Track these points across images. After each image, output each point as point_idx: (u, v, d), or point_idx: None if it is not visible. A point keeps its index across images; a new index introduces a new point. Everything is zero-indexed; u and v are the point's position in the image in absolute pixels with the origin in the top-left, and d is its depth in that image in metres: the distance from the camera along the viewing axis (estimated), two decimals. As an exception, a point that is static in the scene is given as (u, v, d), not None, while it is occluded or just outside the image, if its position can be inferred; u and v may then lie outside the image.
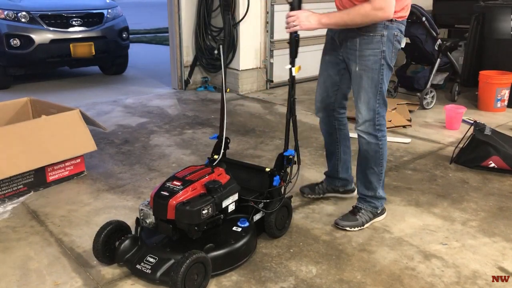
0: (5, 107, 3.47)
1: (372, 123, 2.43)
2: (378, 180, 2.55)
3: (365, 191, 2.58)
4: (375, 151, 2.49)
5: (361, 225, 2.52)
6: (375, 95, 2.39)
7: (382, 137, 2.48)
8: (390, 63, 2.40)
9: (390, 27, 2.29)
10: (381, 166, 2.53)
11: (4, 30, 5.75)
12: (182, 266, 1.88)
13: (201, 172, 2.21)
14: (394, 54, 2.41)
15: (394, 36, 2.33)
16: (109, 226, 2.16)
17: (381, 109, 2.43)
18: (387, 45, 2.32)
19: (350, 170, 2.85)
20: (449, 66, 5.06)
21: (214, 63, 5.75)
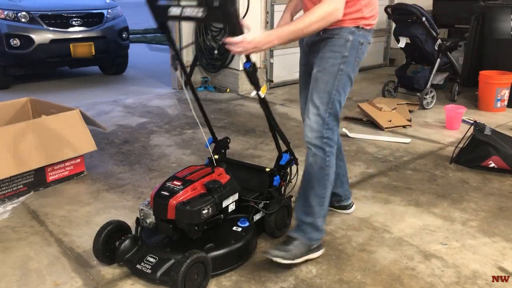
0: (5, 107, 3.47)
1: (319, 134, 2.15)
2: (320, 206, 2.21)
3: (303, 216, 2.24)
4: (320, 167, 2.19)
5: (293, 259, 2.16)
6: (327, 102, 2.13)
7: (330, 153, 2.19)
8: (350, 73, 2.16)
9: (356, 34, 2.12)
10: (324, 188, 2.21)
11: (4, 30, 5.76)
12: (182, 266, 1.88)
13: (201, 172, 2.21)
14: (356, 66, 2.18)
15: (359, 44, 2.14)
16: (109, 226, 2.17)
17: (332, 122, 2.16)
18: (350, 51, 2.12)
19: (346, 185, 2.66)
20: (449, 66, 5.06)
21: (214, 63, 5.75)
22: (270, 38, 1.96)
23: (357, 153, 3.66)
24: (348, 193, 2.68)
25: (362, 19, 2.11)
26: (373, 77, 6.44)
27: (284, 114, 4.74)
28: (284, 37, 1.98)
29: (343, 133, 4.04)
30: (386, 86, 5.26)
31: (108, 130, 3.96)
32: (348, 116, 4.53)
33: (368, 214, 2.70)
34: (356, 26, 2.11)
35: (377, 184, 3.11)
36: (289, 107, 5.00)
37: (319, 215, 2.22)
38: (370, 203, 2.83)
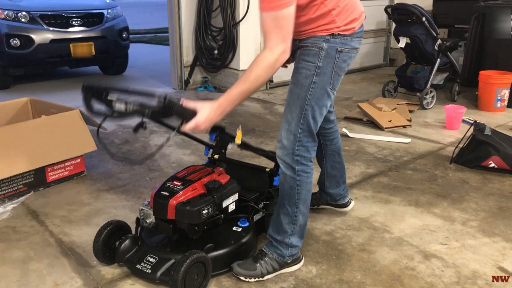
0: (5, 107, 3.47)
1: (290, 152, 2.01)
2: (290, 224, 2.10)
3: (274, 233, 2.14)
4: (290, 186, 2.06)
5: (260, 276, 2.09)
6: (298, 118, 1.98)
7: (302, 172, 2.04)
8: (326, 85, 1.98)
9: (331, 41, 1.95)
10: (296, 207, 2.08)
11: (4, 30, 5.75)
12: (183, 266, 1.88)
13: (201, 172, 2.21)
14: (336, 77, 2.00)
15: (336, 52, 1.96)
16: (109, 226, 2.17)
17: (305, 139, 2.01)
18: (325, 60, 1.95)
19: (343, 185, 2.59)
20: (449, 66, 5.06)
21: (214, 63, 5.76)
22: (221, 108, 1.88)
23: (357, 153, 3.66)
24: (344, 192, 2.62)
25: (335, 28, 1.95)
26: (373, 77, 6.45)
27: (284, 114, 4.74)
28: (235, 101, 1.89)
29: (343, 133, 4.04)
30: (386, 86, 5.26)
31: (108, 130, 3.96)
32: (348, 116, 4.53)
33: (368, 214, 2.70)
34: (330, 34, 1.95)
35: (377, 184, 3.11)
36: (289, 107, 4.99)
37: (291, 233, 2.11)
38: (370, 203, 2.83)
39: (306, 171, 2.05)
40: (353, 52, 2.04)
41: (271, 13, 1.79)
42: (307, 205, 2.13)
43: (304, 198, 2.09)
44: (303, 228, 2.15)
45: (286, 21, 1.80)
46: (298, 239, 2.15)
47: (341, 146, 2.50)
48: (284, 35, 1.81)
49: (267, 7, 1.79)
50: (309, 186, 2.09)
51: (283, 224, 2.11)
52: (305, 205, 2.11)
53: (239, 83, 1.88)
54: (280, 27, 1.80)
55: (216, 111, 1.87)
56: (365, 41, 6.68)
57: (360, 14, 2.04)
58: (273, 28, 1.80)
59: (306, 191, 2.08)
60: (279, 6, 1.78)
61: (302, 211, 2.11)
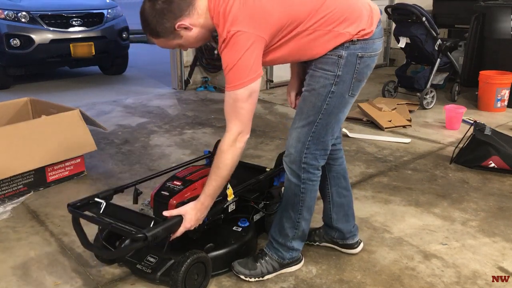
0: (5, 107, 3.47)
1: (297, 159, 1.95)
2: (292, 229, 2.08)
3: (276, 235, 2.12)
4: (294, 193, 2.02)
5: (260, 276, 2.09)
6: (310, 126, 1.91)
7: (308, 180, 1.99)
8: (345, 93, 1.90)
9: (351, 48, 1.84)
10: (299, 213, 2.05)
11: (4, 30, 5.76)
12: (183, 265, 1.88)
13: (201, 172, 2.21)
14: (356, 83, 1.91)
15: (357, 58, 1.86)
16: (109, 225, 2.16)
17: (314, 146, 1.93)
18: (344, 69, 1.86)
19: (352, 220, 2.30)
20: (449, 66, 5.06)
21: (214, 63, 5.75)
22: (205, 205, 1.92)
23: (357, 153, 3.66)
24: (354, 230, 2.30)
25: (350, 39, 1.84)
26: (373, 77, 6.43)
27: (284, 114, 4.75)
28: (215, 193, 1.92)
29: (343, 133, 4.04)
30: (386, 86, 5.26)
31: (108, 130, 3.96)
32: (348, 116, 4.51)
33: (368, 214, 2.70)
34: (349, 41, 1.84)
35: (377, 184, 3.11)
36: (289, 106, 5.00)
37: (292, 237, 2.10)
38: (370, 203, 2.83)
39: (312, 179, 2.00)
40: (375, 55, 1.96)
41: (231, 93, 1.77)
42: (311, 212, 2.10)
43: (308, 205, 2.06)
44: (305, 232, 2.13)
45: (244, 104, 1.78)
46: (299, 242, 2.13)
47: (347, 169, 2.29)
48: (241, 120, 1.81)
49: (228, 86, 1.77)
50: (314, 193, 2.06)
51: (285, 227, 2.08)
52: (309, 212, 2.08)
53: (211, 178, 1.89)
54: (236, 111, 1.79)
55: (201, 209, 1.91)
56: (365, 41, 6.73)
57: (370, 12, 1.90)
58: (231, 111, 1.81)
59: (310, 199, 2.05)
60: (237, 85, 1.75)
61: (305, 217, 2.08)
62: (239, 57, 1.73)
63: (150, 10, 1.78)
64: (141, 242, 1.80)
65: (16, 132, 2.91)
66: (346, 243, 2.30)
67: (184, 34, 1.83)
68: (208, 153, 2.58)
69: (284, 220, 2.08)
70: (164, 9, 1.76)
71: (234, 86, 1.76)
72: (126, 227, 1.86)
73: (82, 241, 2.01)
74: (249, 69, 1.74)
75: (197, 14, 1.81)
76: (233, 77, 1.76)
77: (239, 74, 1.74)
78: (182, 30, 1.81)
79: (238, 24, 1.72)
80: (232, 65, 1.74)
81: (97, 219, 2.00)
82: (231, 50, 1.75)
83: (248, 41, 1.72)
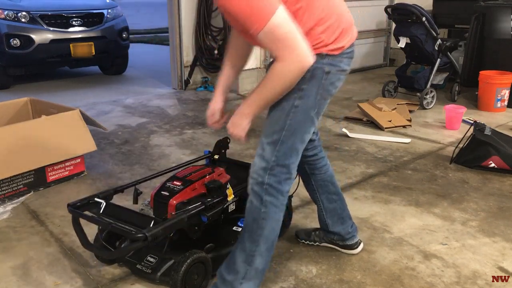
0: (5, 107, 3.47)
1: (260, 180, 1.78)
2: (245, 263, 1.82)
3: (224, 271, 1.88)
4: (253, 218, 1.81)
5: None
6: (274, 144, 1.76)
7: (270, 204, 1.78)
8: (309, 109, 1.75)
9: (318, 62, 1.70)
10: (256, 244, 1.81)
11: (4, 30, 5.75)
12: (183, 266, 1.88)
13: (201, 172, 2.21)
14: (321, 100, 1.78)
15: (324, 74, 1.74)
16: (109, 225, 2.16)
17: (278, 168, 1.77)
18: (310, 83, 1.73)
19: (349, 220, 2.27)
20: (449, 66, 5.07)
21: (214, 63, 5.75)
22: (245, 112, 1.74)
23: (357, 153, 3.66)
24: (352, 230, 2.27)
25: (323, 47, 1.72)
26: (373, 77, 6.44)
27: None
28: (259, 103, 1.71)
29: (343, 133, 4.05)
30: (386, 86, 5.26)
31: (108, 130, 3.96)
32: (348, 116, 4.53)
33: (368, 214, 2.70)
34: (317, 53, 1.70)
35: (377, 184, 3.11)
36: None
37: (244, 276, 1.82)
38: (370, 203, 2.83)
39: (275, 204, 1.80)
40: (342, 74, 1.82)
41: (261, 32, 1.55)
42: (269, 248, 1.84)
43: (267, 236, 1.81)
44: (259, 275, 1.85)
45: (282, 29, 1.55)
46: (253, 285, 1.85)
47: (334, 174, 2.24)
48: (290, 45, 1.56)
49: (255, 28, 1.55)
50: (275, 224, 1.83)
51: (237, 261, 1.83)
52: (267, 246, 1.82)
53: (258, 88, 1.70)
54: (278, 40, 1.55)
55: (242, 114, 1.75)
56: (365, 41, 6.74)
57: (350, 26, 1.81)
58: (275, 45, 1.57)
59: (270, 229, 1.82)
60: (263, 19, 1.53)
61: (261, 252, 1.82)
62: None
63: None
64: (141, 242, 1.80)
65: (16, 132, 2.91)
66: (346, 244, 2.29)
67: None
68: (208, 153, 2.59)
69: (238, 253, 1.84)
70: None
71: (260, 23, 1.53)
72: (126, 227, 1.86)
73: (82, 241, 2.01)
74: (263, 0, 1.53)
75: None
76: (254, 15, 1.53)
77: (257, 8, 1.52)
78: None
79: None
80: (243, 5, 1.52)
81: (97, 219, 2.00)
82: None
83: None
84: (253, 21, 1.53)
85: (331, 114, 4.67)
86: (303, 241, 2.38)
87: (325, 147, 3.78)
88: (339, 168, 3.36)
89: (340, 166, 3.40)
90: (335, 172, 3.24)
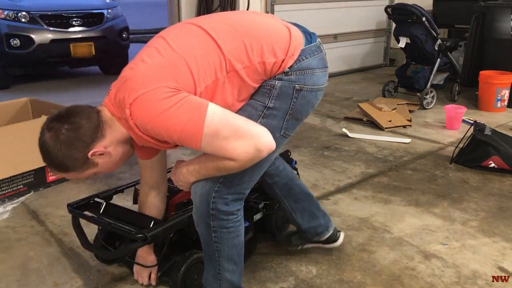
0: (5, 107, 3.47)
1: (204, 204, 1.61)
2: (215, 279, 1.76)
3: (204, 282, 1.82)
4: (206, 243, 1.70)
5: None
6: None
7: (220, 228, 1.65)
8: (274, 130, 1.55)
9: (285, 79, 1.56)
10: (218, 264, 1.72)
11: (4, 30, 5.76)
12: (182, 266, 1.88)
13: None
14: (292, 120, 1.62)
15: (294, 91, 1.57)
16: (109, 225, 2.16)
17: (225, 190, 1.60)
18: (277, 101, 1.57)
19: (319, 212, 2.16)
20: (449, 66, 5.06)
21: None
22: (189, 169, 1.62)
23: (357, 153, 3.66)
24: (325, 221, 2.17)
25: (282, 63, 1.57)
26: (373, 77, 6.44)
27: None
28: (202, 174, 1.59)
29: (343, 133, 4.05)
30: (386, 86, 5.26)
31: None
32: (348, 116, 4.53)
33: (368, 214, 2.70)
34: (281, 73, 1.57)
35: (377, 184, 3.11)
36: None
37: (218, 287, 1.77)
38: (370, 203, 2.83)
39: (226, 226, 1.65)
40: (317, 89, 1.65)
41: (202, 143, 1.41)
42: (236, 261, 1.75)
43: (227, 255, 1.71)
44: (235, 283, 1.79)
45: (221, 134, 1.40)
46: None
47: (294, 175, 2.16)
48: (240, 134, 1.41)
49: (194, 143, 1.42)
50: (233, 241, 1.70)
51: (209, 275, 1.78)
52: (231, 262, 1.73)
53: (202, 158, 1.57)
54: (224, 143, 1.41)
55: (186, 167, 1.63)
56: (365, 41, 6.75)
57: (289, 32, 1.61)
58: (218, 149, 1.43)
59: (228, 248, 1.69)
60: (198, 132, 1.39)
61: (227, 268, 1.73)
62: (163, 115, 1.39)
63: (53, 143, 1.52)
64: (140, 242, 1.80)
65: (16, 132, 2.91)
66: (325, 239, 2.19)
67: (101, 161, 1.57)
68: None
69: (206, 270, 1.79)
70: (71, 138, 1.49)
71: (196, 139, 1.41)
72: (126, 227, 1.86)
73: (82, 241, 2.01)
74: (185, 110, 1.39)
75: (109, 130, 1.54)
76: (184, 133, 1.41)
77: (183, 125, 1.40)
78: (97, 157, 1.54)
79: (135, 91, 1.43)
80: (169, 127, 1.41)
81: (97, 219, 2.00)
82: (148, 119, 1.41)
83: (156, 97, 1.40)
84: (188, 139, 1.41)
85: (331, 114, 4.67)
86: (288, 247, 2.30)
87: (325, 147, 3.78)
88: (339, 168, 3.36)
89: (340, 166, 3.40)
90: (335, 172, 3.28)
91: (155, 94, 1.40)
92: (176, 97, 1.40)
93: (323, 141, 3.92)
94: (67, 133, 1.48)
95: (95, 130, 1.51)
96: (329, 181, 3.14)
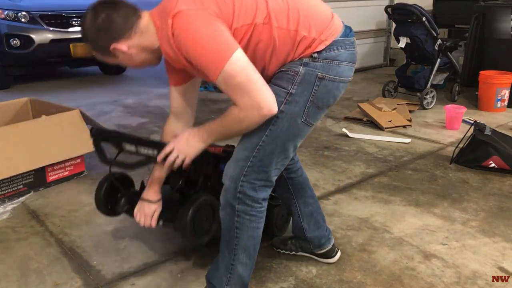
0: (5, 107, 3.47)
1: (232, 186, 1.67)
2: (227, 272, 1.78)
3: (210, 275, 1.88)
4: (227, 227, 1.74)
5: None
6: (252, 148, 1.64)
7: (243, 213, 1.69)
8: (296, 116, 1.63)
9: (310, 65, 1.61)
10: (234, 254, 1.74)
11: (4, 30, 5.75)
12: (190, 208, 1.82)
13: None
14: (313, 107, 1.65)
15: (316, 79, 1.61)
16: (112, 177, 2.13)
17: (253, 174, 1.66)
18: (299, 87, 1.61)
19: (324, 223, 2.19)
20: (449, 66, 5.07)
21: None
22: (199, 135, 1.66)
23: (357, 153, 3.66)
24: (328, 233, 2.19)
25: (318, 44, 1.61)
26: (373, 77, 6.45)
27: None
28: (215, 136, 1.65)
29: (343, 133, 4.05)
30: (386, 86, 5.26)
31: (108, 130, 3.95)
32: (348, 116, 4.53)
33: (368, 214, 2.70)
34: (309, 56, 1.61)
35: (377, 184, 3.11)
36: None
37: (227, 283, 1.78)
38: (370, 203, 2.83)
39: (250, 213, 1.70)
40: (340, 81, 1.67)
41: (219, 78, 1.49)
42: (250, 256, 1.78)
43: (245, 245, 1.74)
44: (244, 280, 1.81)
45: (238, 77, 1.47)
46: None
47: (307, 177, 2.17)
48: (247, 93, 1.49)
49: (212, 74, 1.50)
50: (253, 232, 1.74)
51: (220, 269, 1.81)
52: (247, 255, 1.76)
53: (217, 121, 1.62)
54: (234, 86, 1.49)
55: (195, 136, 1.67)
56: (365, 41, 6.74)
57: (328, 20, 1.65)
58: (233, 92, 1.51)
59: (247, 238, 1.73)
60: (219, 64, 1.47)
61: (241, 260, 1.76)
62: (198, 33, 1.48)
63: (90, 22, 1.62)
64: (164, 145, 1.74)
65: (16, 132, 2.91)
66: (323, 252, 2.20)
67: (121, 56, 1.66)
68: None
69: (220, 259, 1.80)
70: (102, 27, 1.59)
71: (216, 68, 1.49)
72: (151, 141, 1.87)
73: (101, 158, 2.01)
74: (218, 41, 1.49)
75: (139, 34, 1.63)
76: (209, 59, 1.49)
77: (211, 51, 1.49)
78: (118, 52, 1.64)
79: (181, 5, 1.52)
80: (198, 46, 1.49)
81: (124, 134, 2.01)
82: (184, 32, 1.50)
83: (198, 17, 1.49)
84: (209, 66, 1.49)
85: (331, 114, 4.67)
86: (279, 250, 2.29)
87: (325, 147, 3.78)
88: (339, 168, 3.36)
89: (340, 166, 3.40)
90: (335, 172, 3.28)
91: (197, 14, 1.49)
92: (215, 24, 1.50)
93: (323, 141, 3.92)
94: (101, 21, 1.60)
95: (125, 31, 1.61)
96: (329, 181, 3.14)
